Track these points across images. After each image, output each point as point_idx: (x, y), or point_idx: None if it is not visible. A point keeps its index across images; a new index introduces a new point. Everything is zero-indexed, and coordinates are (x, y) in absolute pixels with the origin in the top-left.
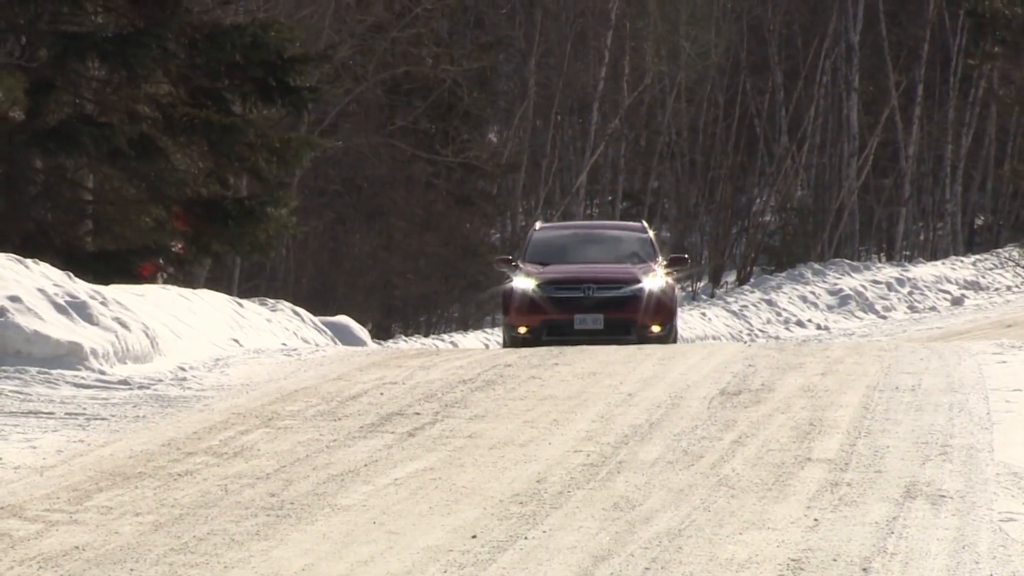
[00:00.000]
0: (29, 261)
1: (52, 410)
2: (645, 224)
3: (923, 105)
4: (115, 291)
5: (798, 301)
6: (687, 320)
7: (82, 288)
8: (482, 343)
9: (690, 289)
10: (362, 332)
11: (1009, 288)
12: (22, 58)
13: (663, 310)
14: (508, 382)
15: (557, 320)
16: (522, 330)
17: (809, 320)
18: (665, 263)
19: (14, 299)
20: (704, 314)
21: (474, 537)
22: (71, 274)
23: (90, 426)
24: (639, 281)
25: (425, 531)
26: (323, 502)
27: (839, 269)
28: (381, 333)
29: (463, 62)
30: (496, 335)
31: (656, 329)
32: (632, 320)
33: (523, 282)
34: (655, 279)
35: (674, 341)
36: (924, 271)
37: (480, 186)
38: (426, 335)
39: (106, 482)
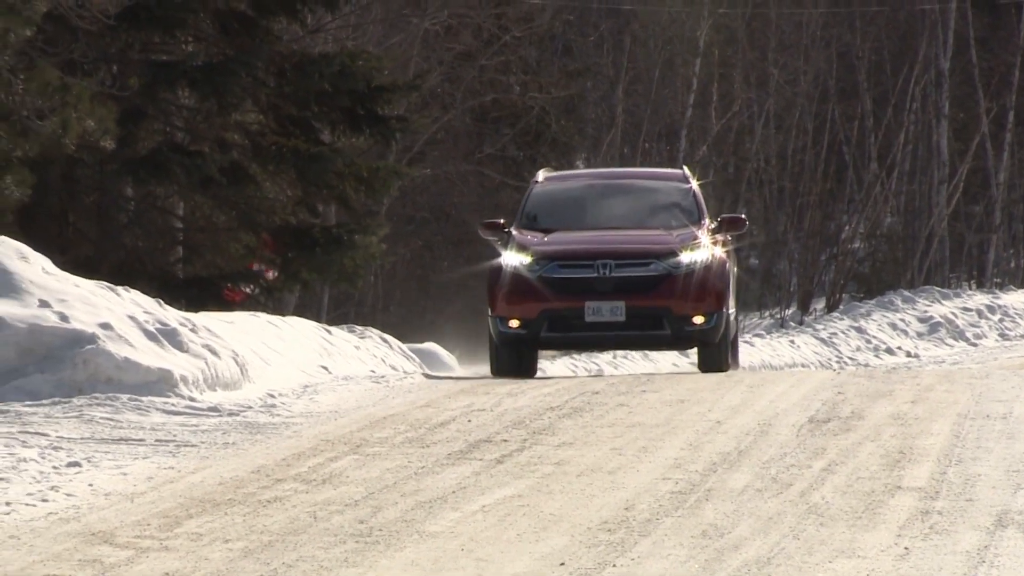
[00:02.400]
0: (120, 288)
1: (143, 437)
2: (687, 171)
3: (1014, 132)
4: (205, 318)
5: (888, 328)
6: (775, 348)
7: (172, 315)
8: (570, 370)
9: (779, 316)
10: (450, 359)
11: None
12: (113, 87)
13: (708, 294)
14: (596, 409)
15: (561, 310)
16: (514, 324)
17: (899, 347)
18: (714, 226)
19: (105, 326)
20: (793, 341)
21: (562, 564)
22: (161, 301)
23: (180, 453)
24: (675, 253)
25: (513, 558)
26: (411, 529)
27: (929, 296)
28: (469, 360)
29: (551, 89)
30: (584, 361)
31: (699, 320)
32: (664, 309)
33: (515, 257)
34: (698, 250)
35: (724, 338)
36: (1015, 298)
37: None
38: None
39: (196, 509)
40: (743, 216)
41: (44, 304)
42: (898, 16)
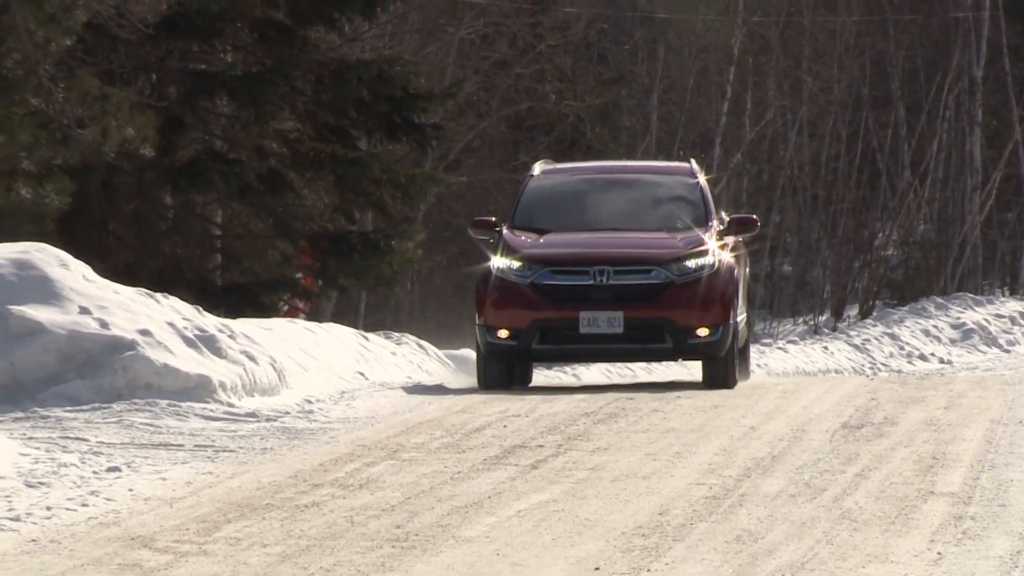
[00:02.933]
0: (159, 295)
1: (181, 442)
2: (695, 165)
3: None
4: (243, 324)
5: (920, 335)
6: (809, 354)
7: (211, 322)
8: (604, 376)
9: (812, 322)
10: None
11: None
12: (152, 96)
13: (713, 304)
14: (630, 415)
15: (554, 320)
16: (503, 334)
17: (932, 354)
18: (722, 227)
19: (145, 333)
20: (826, 347)
21: (597, 569)
22: (200, 308)
23: (218, 458)
24: (678, 259)
25: (548, 563)
26: (447, 534)
27: (962, 303)
28: None
29: (586, 98)
30: (619, 369)
31: (703, 333)
32: (666, 320)
33: (504, 261)
34: (704, 255)
35: (731, 351)
36: None
37: None
38: (548, 368)
39: (234, 513)
40: (754, 217)
41: (84, 311)
42: (931, 24)
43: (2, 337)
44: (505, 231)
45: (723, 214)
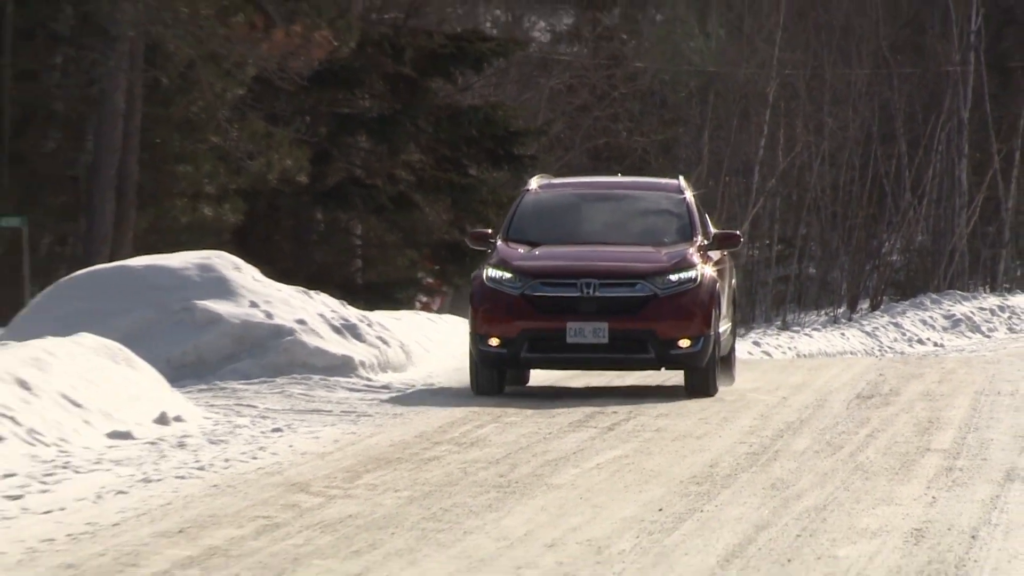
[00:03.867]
0: (312, 292)
1: (330, 408)
2: (683, 181)
3: (1020, 167)
4: (378, 315)
5: (919, 324)
6: (829, 339)
7: (352, 313)
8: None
9: (832, 314)
10: None
11: None
12: (306, 134)
13: (694, 317)
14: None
15: (543, 330)
16: (494, 342)
17: (928, 339)
18: (707, 242)
19: (300, 322)
20: (843, 334)
21: (660, 510)
22: (344, 302)
23: (359, 421)
24: (661, 273)
25: (622, 505)
26: (541, 482)
27: (952, 298)
28: None
29: (651, 134)
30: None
31: (684, 344)
32: (649, 332)
33: (496, 272)
34: (688, 269)
35: (711, 361)
36: (1021, 300)
37: None
38: None
39: (372, 465)
40: (738, 232)
41: (254, 304)
42: (927, 76)
43: (190, 326)
44: (499, 243)
45: (711, 228)
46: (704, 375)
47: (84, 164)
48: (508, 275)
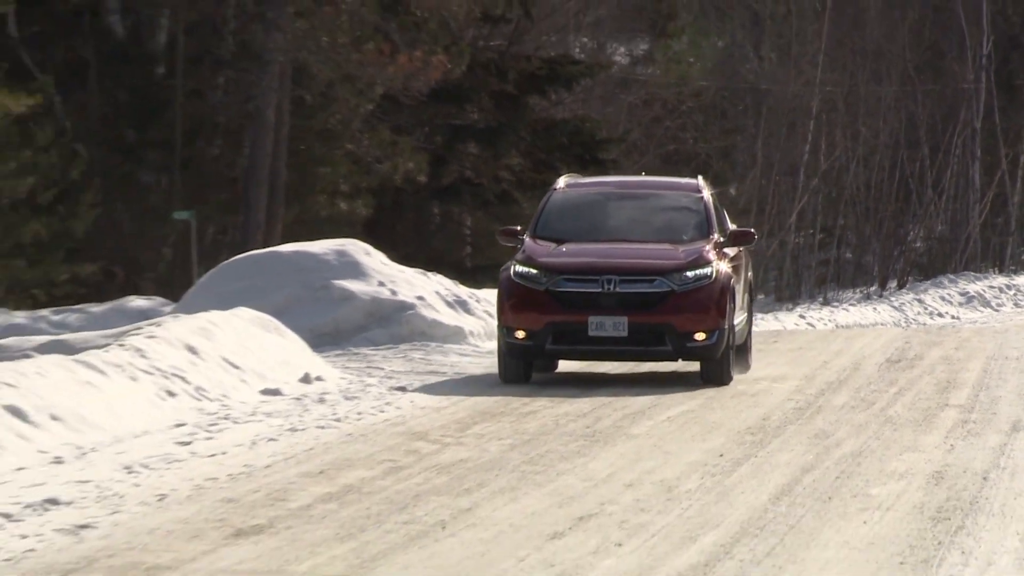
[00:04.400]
0: (429, 273)
1: (445, 371)
2: (701, 181)
3: None
4: (485, 293)
5: (939, 300)
6: (863, 313)
7: (463, 291)
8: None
9: (865, 292)
10: None
11: None
12: (425, 142)
13: (709, 311)
14: None
15: (566, 323)
16: (520, 335)
17: (946, 312)
18: (723, 239)
19: (420, 298)
20: (875, 308)
21: (721, 455)
22: (456, 282)
23: (469, 381)
24: (679, 270)
25: (688, 451)
26: (621, 432)
27: (967, 279)
28: None
29: (712, 141)
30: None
31: (700, 337)
32: (666, 326)
33: (522, 268)
34: (705, 266)
35: (726, 353)
36: None
37: None
38: None
39: (480, 418)
40: (752, 231)
41: (381, 284)
42: (946, 92)
43: (328, 301)
44: (527, 239)
45: (728, 225)
46: (719, 366)
47: (242, 167)
48: (534, 271)
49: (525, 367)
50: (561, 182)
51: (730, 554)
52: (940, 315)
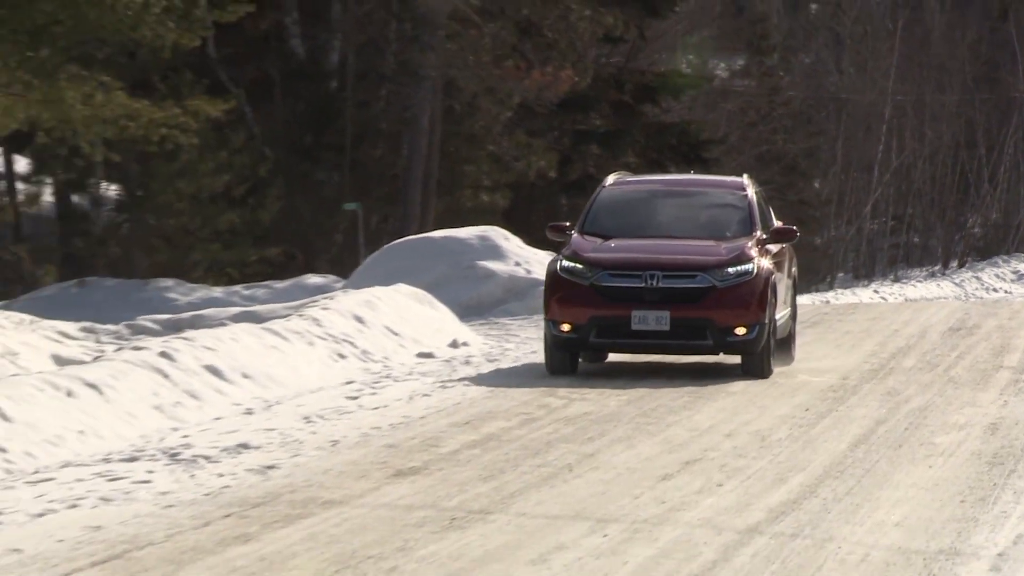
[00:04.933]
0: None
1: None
2: (747, 179)
3: None
4: None
5: (994, 277)
6: (928, 288)
7: None
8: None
9: (930, 270)
10: None
11: None
12: (555, 144)
13: (750, 306)
14: (825, 323)
15: (610, 317)
16: (565, 328)
17: (1000, 288)
18: (765, 236)
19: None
20: (939, 284)
21: (807, 410)
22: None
23: None
24: (720, 266)
25: (779, 407)
26: (721, 390)
27: (1018, 259)
28: None
29: (799, 143)
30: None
31: (740, 332)
32: (708, 320)
33: (568, 263)
34: (746, 262)
35: (766, 347)
36: None
37: (808, 213)
38: None
39: (600, 376)
40: (794, 228)
41: (517, 264)
42: (1000, 100)
43: (474, 279)
44: (574, 235)
45: (773, 222)
46: (759, 359)
47: (400, 166)
48: (580, 266)
49: (571, 359)
50: (610, 179)
51: (815, 493)
52: (995, 290)
